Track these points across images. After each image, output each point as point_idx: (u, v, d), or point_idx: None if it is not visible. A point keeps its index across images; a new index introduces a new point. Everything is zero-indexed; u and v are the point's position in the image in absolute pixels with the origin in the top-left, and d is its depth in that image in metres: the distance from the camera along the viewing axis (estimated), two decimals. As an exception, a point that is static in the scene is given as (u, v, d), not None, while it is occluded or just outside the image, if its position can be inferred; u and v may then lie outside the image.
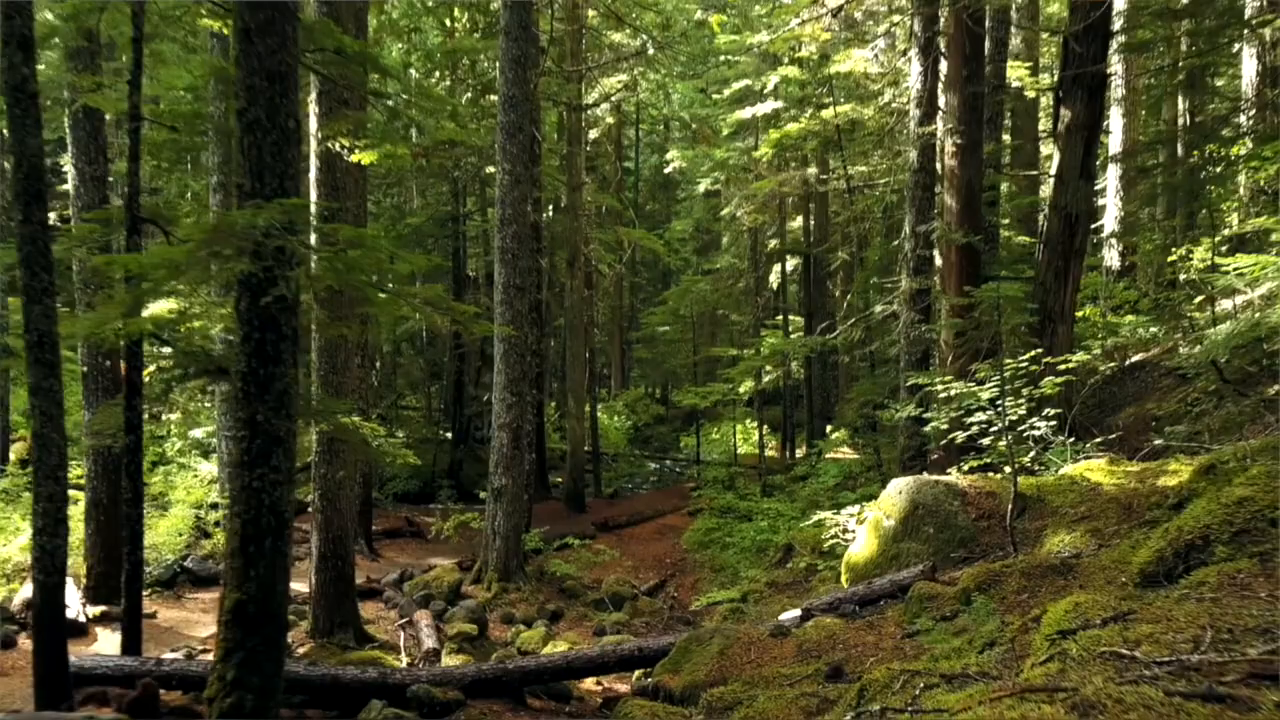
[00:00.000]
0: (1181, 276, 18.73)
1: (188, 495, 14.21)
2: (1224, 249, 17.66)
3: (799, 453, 26.53)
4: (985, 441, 7.64)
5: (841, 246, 18.41)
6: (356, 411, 14.60)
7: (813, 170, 21.34)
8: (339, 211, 9.77)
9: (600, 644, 7.29)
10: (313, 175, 9.83)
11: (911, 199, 11.54)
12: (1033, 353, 6.75)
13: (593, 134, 28.39)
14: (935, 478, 7.16)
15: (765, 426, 27.98)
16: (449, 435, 25.80)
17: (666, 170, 30.06)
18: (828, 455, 19.03)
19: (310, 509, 10.19)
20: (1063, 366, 6.83)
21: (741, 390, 19.54)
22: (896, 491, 7.23)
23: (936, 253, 11.59)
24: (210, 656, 8.99)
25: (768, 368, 15.46)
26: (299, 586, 12.15)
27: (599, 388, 40.33)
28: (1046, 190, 20.40)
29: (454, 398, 25.98)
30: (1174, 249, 17.96)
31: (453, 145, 21.83)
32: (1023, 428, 7.47)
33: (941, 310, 10.95)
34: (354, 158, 9.14)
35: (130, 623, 7.48)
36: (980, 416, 7.54)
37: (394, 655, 8.70)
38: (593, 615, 12.81)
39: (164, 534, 12.95)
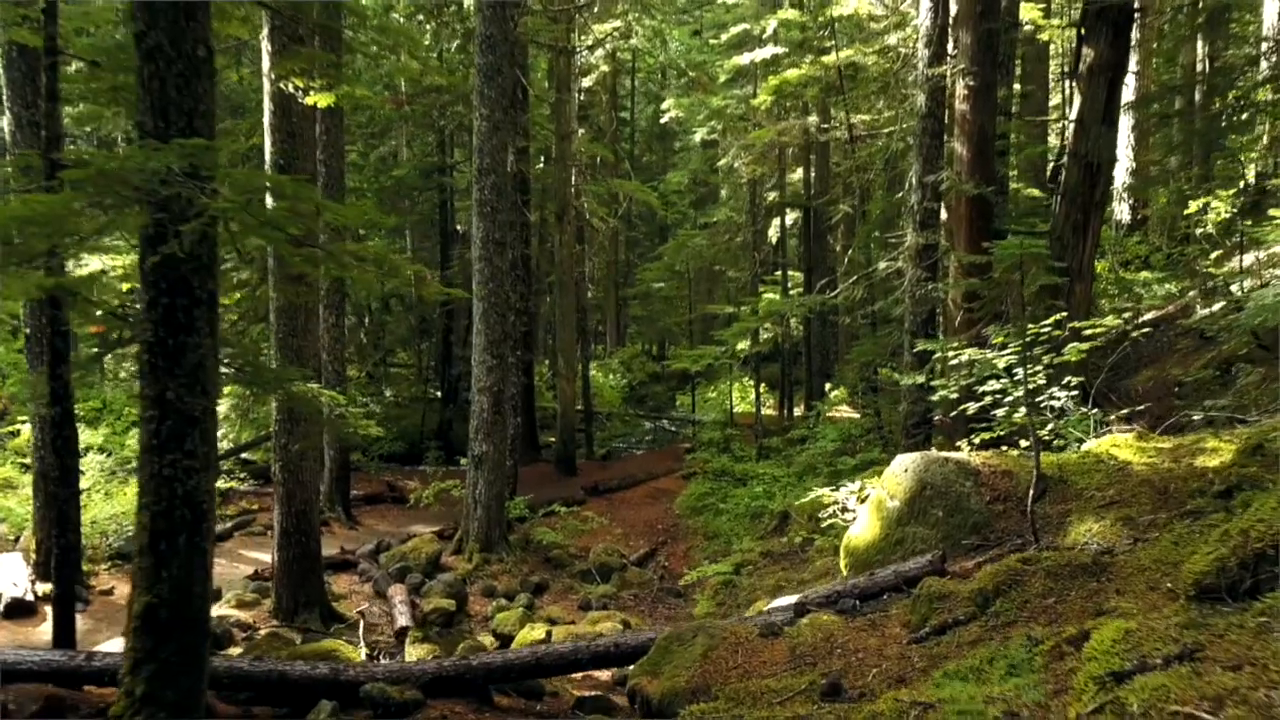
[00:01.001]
0: (1198, 230, 17.92)
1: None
2: (1241, 202, 16.86)
3: (797, 411, 25.91)
4: (999, 413, 6.95)
5: (843, 199, 17.54)
6: (334, 377, 13.94)
7: (813, 119, 20.39)
8: (295, 160, 8.97)
9: (574, 638, 6.65)
10: (266, 120, 9.00)
11: (919, 147, 10.71)
12: (1056, 316, 6.03)
13: (586, 82, 27.30)
14: (945, 455, 6.47)
15: (762, 385, 27.35)
16: (439, 394, 25.16)
17: (663, 120, 29.01)
18: (827, 414, 18.40)
19: (272, 481, 9.53)
20: (1089, 331, 6.10)
21: (740, 348, 18.84)
22: (902, 469, 6.54)
23: (945, 206, 10.81)
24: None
25: (766, 325, 14.71)
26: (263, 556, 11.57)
27: (594, 345, 39.68)
28: (1056, 139, 19.50)
29: (443, 356, 25.28)
30: (1191, 201, 17.14)
31: (438, 92, 20.90)
32: (1041, 398, 6.77)
33: (950, 267, 10.20)
34: (309, 100, 8.31)
35: (62, 612, 6.83)
36: (994, 385, 6.84)
37: (356, 645, 8.08)
38: (579, 587, 12.23)
39: (129, 500, 12.29)
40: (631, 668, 5.69)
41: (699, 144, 26.22)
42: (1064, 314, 6.10)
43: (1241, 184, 16.59)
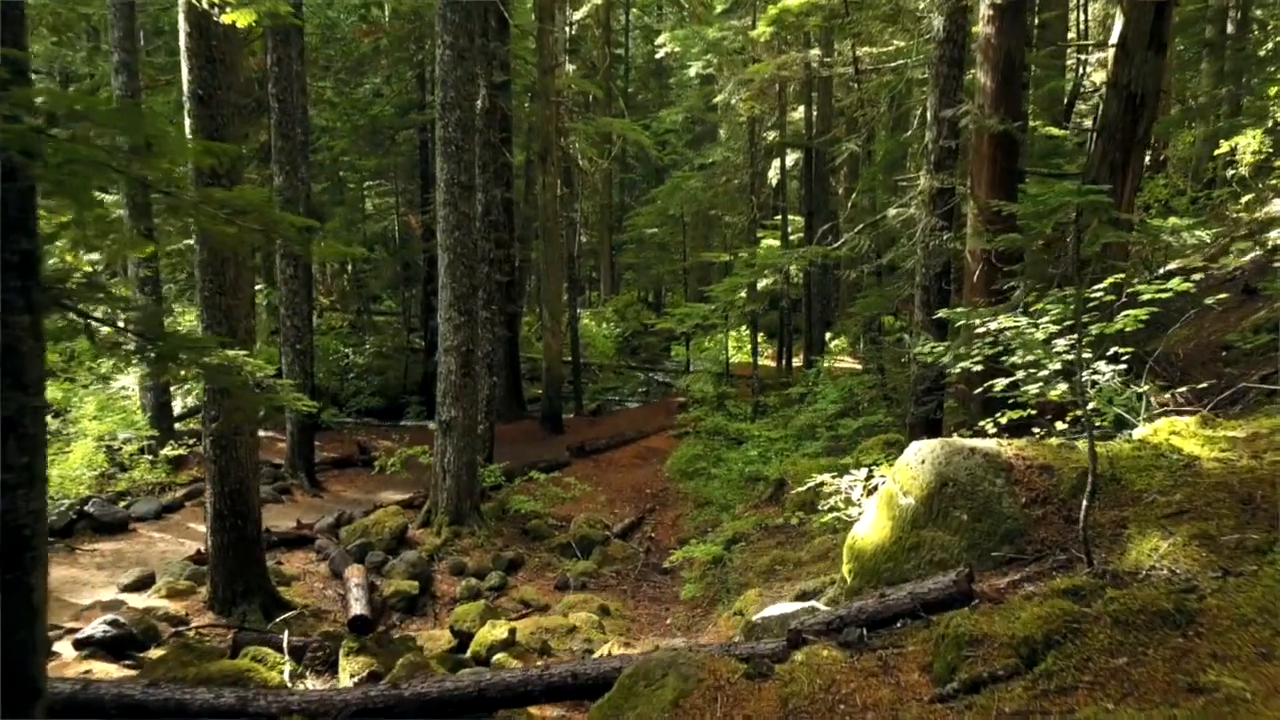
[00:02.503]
0: (1229, 172, 16.65)
1: (97, 421, 12.43)
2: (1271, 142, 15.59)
3: (796, 361, 24.87)
4: (1031, 389, 5.88)
5: (847, 138, 16.24)
6: (293, 333, 12.77)
7: (815, 52, 18.95)
8: (218, 90, 7.76)
9: (524, 669, 5.63)
10: (182, 43, 7.77)
11: (935, 78, 9.47)
12: (1113, 278, 4.93)
13: (578, 14, 25.73)
14: (970, 444, 5.39)
15: (760, 334, 26.23)
16: (423, 345, 24.07)
17: (658, 55, 27.49)
18: (827, 365, 17.34)
19: (203, 458, 8.49)
20: (1147, 296, 4.99)
21: (737, 299, 17.72)
22: (918, 460, 5.47)
23: (961, 144, 9.61)
24: (86, 631, 7.44)
25: (764, 274, 13.54)
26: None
27: (589, 290, 38.44)
28: (1071, 74, 18.10)
29: (425, 305, 24.12)
30: (1224, 141, 15.86)
31: (415, 21, 19.46)
32: (1083, 374, 5.70)
33: (968, 214, 9.04)
34: (226, 18, 7.08)
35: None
36: (1027, 356, 5.76)
37: (301, 648, 7.10)
38: (557, 563, 11.27)
39: (64, 470, 11.30)
40: (591, 709, 4.69)
41: (693, 78, 24.73)
42: (1121, 276, 4.99)
43: (1270, 123, 15.29)
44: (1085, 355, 5.82)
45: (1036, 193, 4.94)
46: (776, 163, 24.61)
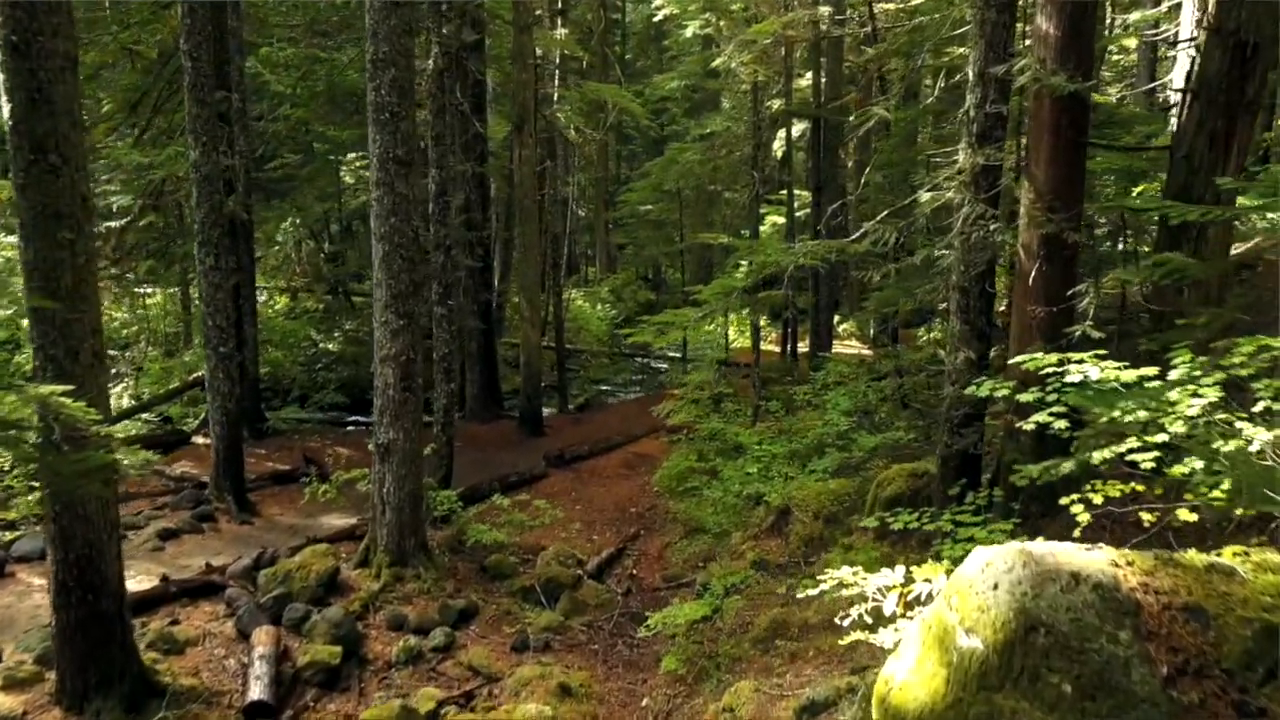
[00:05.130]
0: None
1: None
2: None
3: (801, 347, 22.97)
4: (1143, 458, 4.11)
5: (875, 100, 14.21)
6: (219, 336, 10.85)
7: (825, 10, 16.96)
8: (38, 38, 5.86)
9: None
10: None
11: (979, 26, 7.51)
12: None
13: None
14: (1069, 565, 3.54)
15: (763, 316, 24.34)
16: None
17: (657, 19, 25.41)
18: (834, 352, 15.44)
19: (43, 519, 6.69)
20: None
21: (739, 282, 15.80)
22: (986, 582, 3.62)
23: (1007, 108, 7.67)
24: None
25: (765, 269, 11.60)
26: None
27: (585, 267, 36.45)
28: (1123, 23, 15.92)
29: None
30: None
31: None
32: (1226, 444, 3.90)
33: (1022, 199, 7.13)
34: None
35: None
36: (1140, 414, 3.96)
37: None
38: (518, 612, 9.48)
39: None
40: None
41: (692, 40, 22.69)
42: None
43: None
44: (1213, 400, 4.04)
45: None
46: (782, 133, 22.65)
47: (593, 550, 11.10)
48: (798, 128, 23.14)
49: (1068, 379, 4.36)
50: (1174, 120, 7.65)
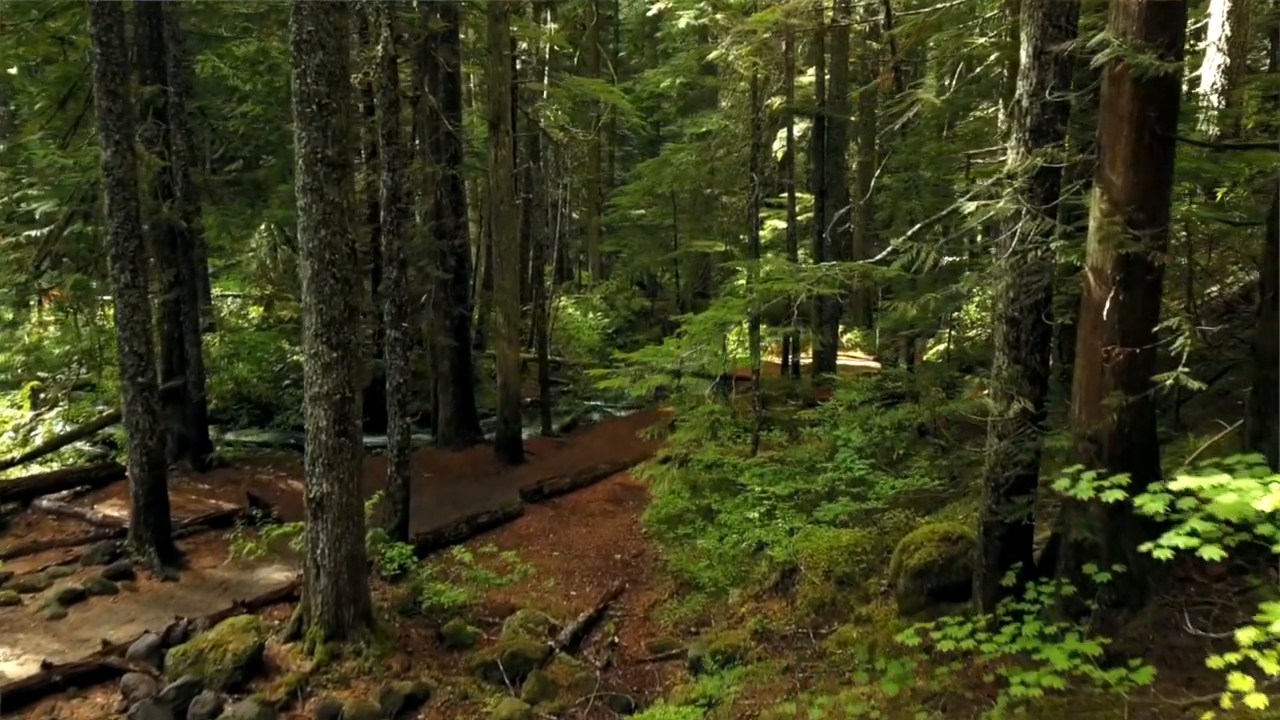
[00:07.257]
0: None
1: None
2: None
3: (804, 359, 21.53)
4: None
5: (914, 84, 12.76)
6: (136, 364, 9.24)
7: (831, -2, 15.59)
8: None
9: None
10: None
11: (1033, -4, 6.05)
12: None
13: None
14: None
15: (762, 324, 22.83)
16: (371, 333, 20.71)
17: (650, 12, 23.97)
18: (839, 364, 13.99)
19: None
20: None
21: (738, 308, 14.46)
22: None
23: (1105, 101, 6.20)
24: None
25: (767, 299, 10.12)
26: None
27: (580, 272, 34.93)
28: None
29: (376, 294, 20.76)
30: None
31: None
32: None
33: (1093, 210, 5.64)
34: None
35: None
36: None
37: None
38: (476, 696, 7.99)
39: None
40: None
41: (685, 32, 21.23)
42: None
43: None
44: None
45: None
46: (782, 133, 21.19)
47: (569, 612, 9.61)
48: (799, 127, 21.69)
49: (1221, 499, 2.91)
50: None
